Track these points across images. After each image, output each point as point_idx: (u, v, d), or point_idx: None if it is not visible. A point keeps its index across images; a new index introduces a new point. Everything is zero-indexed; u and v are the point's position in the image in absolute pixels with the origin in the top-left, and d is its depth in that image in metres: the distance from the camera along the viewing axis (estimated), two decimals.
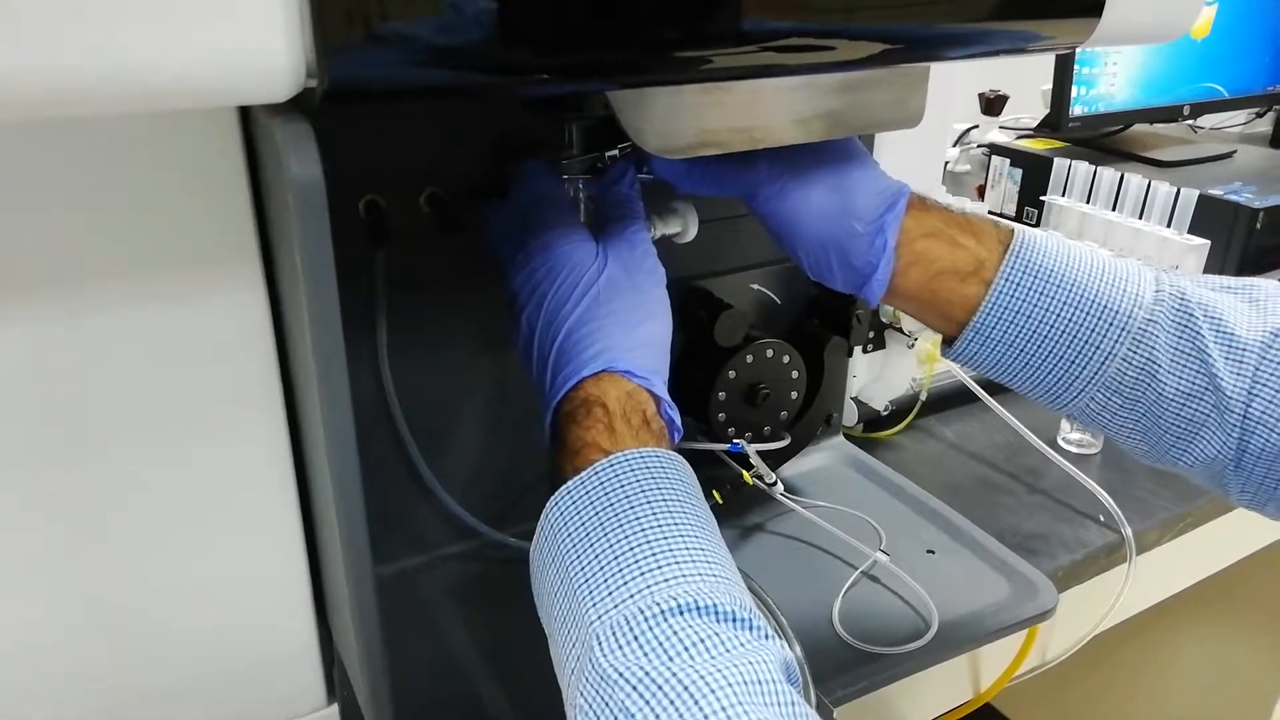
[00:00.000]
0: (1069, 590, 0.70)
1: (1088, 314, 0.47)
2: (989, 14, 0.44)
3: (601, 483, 0.41)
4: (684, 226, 0.61)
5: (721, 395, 0.65)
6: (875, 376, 0.80)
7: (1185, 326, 0.47)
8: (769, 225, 0.52)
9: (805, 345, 0.70)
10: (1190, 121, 1.48)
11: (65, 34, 0.27)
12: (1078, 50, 0.64)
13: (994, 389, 0.81)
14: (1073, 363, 0.48)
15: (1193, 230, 1.10)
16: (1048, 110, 1.30)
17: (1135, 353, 0.47)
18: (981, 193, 1.34)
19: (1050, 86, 1.28)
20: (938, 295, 0.49)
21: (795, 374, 0.69)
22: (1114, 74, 1.31)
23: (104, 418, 0.43)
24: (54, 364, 0.41)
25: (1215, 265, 1.10)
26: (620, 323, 0.48)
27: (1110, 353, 0.47)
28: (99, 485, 0.43)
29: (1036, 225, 1.23)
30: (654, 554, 0.38)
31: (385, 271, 0.55)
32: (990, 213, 1.29)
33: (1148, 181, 1.14)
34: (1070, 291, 0.47)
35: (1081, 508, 0.75)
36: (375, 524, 0.41)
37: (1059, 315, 0.47)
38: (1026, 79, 1.37)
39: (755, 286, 0.70)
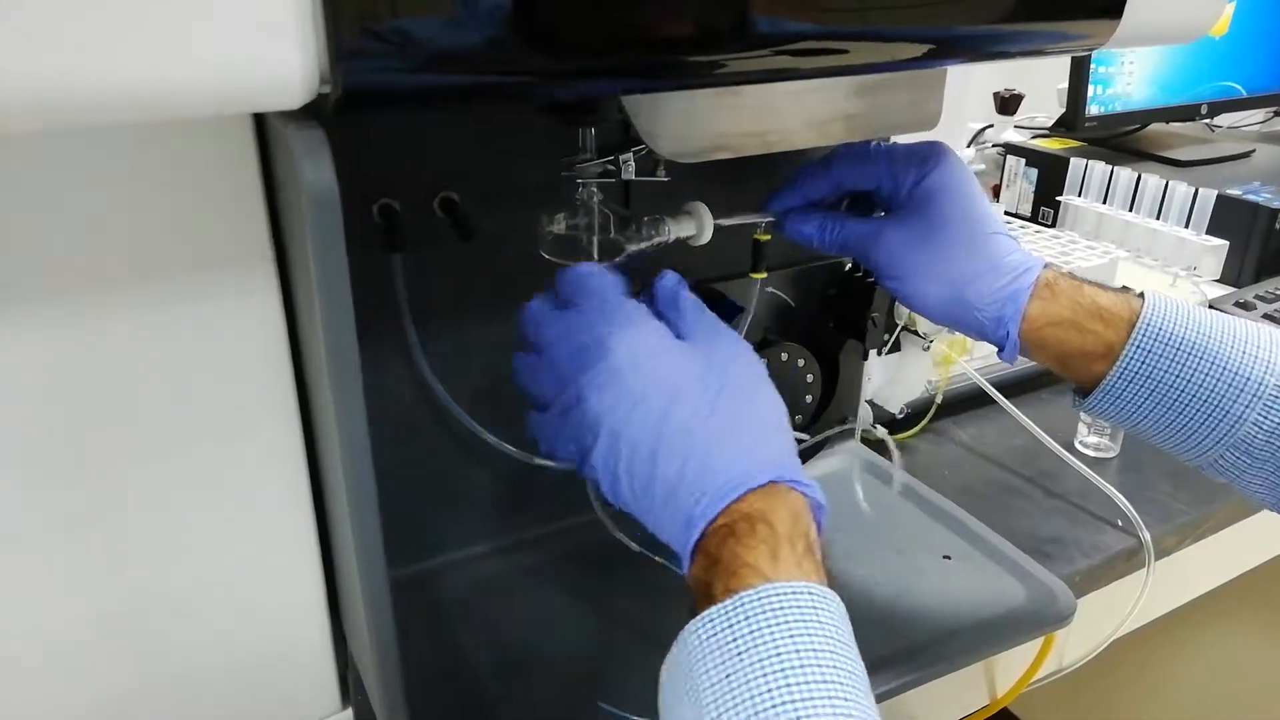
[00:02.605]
0: (1087, 595, 0.69)
1: (1218, 380, 0.49)
2: (1009, 16, 0.43)
3: (748, 618, 0.39)
4: (698, 229, 0.60)
5: None
6: (890, 379, 0.79)
7: None
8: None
9: (820, 348, 0.70)
10: (1208, 120, 1.47)
11: (79, 43, 0.27)
12: None
13: (1011, 391, 0.81)
14: (1201, 424, 0.50)
15: (1211, 230, 1.09)
16: (1063, 109, 1.29)
17: (1266, 418, 0.49)
18: (997, 192, 1.33)
19: (1066, 85, 1.27)
20: (1066, 368, 0.53)
21: (810, 377, 0.68)
22: (1131, 73, 1.30)
23: (118, 420, 0.43)
24: (70, 367, 0.41)
25: (1234, 265, 1.09)
26: (763, 429, 0.44)
27: (1240, 417, 0.49)
28: (111, 488, 0.44)
29: (1052, 225, 1.22)
30: (793, 702, 0.37)
31: (404, 273, 0.55)
32: (1006, 213, 1.28)
33: (1165, 181, 1.13)
34: (1200, 358, 0.50)
35: (1099, 512, 0.74)
36: (389, 526, 0.41)
37: (1189, 380, 0.50)
38: (1042, 78, 1.36)
39: (770, 289, 0.70)
